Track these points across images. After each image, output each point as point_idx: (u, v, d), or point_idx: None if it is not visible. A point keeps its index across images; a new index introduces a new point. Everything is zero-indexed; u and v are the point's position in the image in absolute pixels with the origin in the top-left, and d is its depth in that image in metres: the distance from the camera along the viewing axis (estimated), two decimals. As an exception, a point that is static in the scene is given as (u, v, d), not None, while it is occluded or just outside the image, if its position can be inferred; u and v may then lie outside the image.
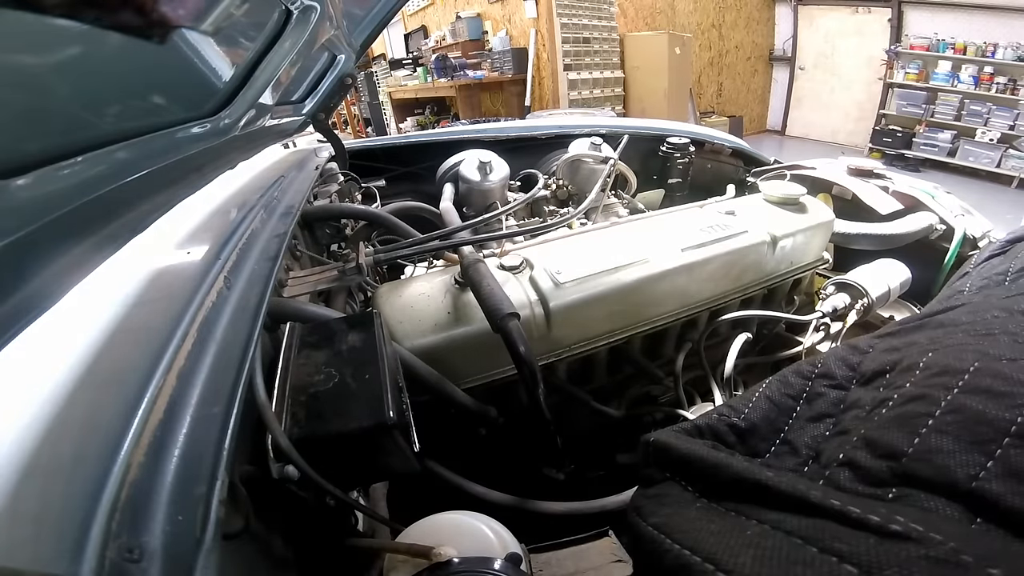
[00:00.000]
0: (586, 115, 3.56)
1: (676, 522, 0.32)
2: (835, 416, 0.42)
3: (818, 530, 0.26)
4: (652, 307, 0.83)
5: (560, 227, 0.93)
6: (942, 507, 0.28)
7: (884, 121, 5.88)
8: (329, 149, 1.32)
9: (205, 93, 0.68)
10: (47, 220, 0.37)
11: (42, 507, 0.24)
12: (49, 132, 0.41)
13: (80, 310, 0.38)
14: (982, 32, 5.01)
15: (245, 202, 0.76)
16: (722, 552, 0.28)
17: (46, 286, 0.35)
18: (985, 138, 5.05)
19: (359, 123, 7.47)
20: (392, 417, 0.43)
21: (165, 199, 0.57)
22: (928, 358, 0.40)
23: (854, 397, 0.43)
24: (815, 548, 0.25)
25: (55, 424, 0.28)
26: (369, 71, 6.69)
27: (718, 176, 1.51)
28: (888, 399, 0.38)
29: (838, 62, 6.31)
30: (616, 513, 0.67)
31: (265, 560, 0.40)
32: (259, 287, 0.54)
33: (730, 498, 0.32)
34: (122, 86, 0.50)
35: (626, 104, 5.59)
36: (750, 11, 6.59)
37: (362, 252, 0.78)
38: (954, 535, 0.24)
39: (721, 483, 0.34)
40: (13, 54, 0.34)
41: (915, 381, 0.38)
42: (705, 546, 0.29)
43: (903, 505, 0.29)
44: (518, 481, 0.75)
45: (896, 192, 1.20)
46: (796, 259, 1.00)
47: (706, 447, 0.38)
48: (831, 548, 0.25)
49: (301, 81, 1.13)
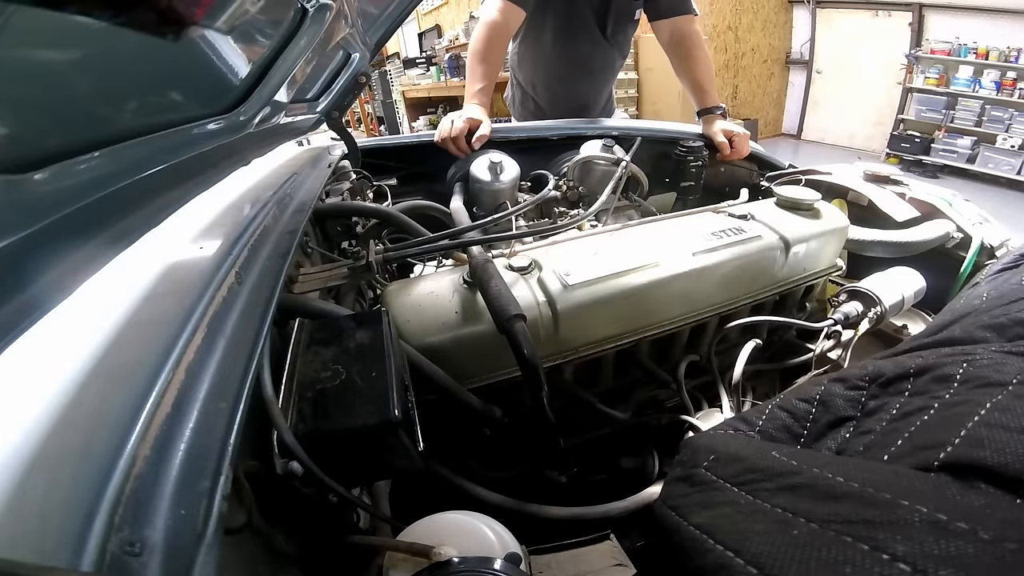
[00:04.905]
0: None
1: (720, 523, 0.32)
2: (855, 419, 0.41)
3: (871, 527, 0.25)
4: (661, 311, 0.82)
5: (570, 229, 0.93)
6: (989, 495, 0.27)
7: (902, 126, 5.78)
8: (342, 147, 1.33)
9: (221, 90, 0.69)
10: (64, 213, 0.38)
11: (47, 500, 0.24)
12: (67, 127, 0.41)
13: (92, 303, 0.39)
14: (1005, 37, 4.91)
15: (258, 198, 0.77)
16: (767, 554, 0.27)
17: (62, 278, 0.35)
18: (1006, 144, 4.94)
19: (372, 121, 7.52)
20: (397, 416, 0.43)
21: (180, 194, 0.58)
22: (965, 370, 0.39)
23: (874, 399, 0.42)
24: (866, 546, 0.24)
25: (64, 417, 0.28)
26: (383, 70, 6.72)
27: (732, 180, 1.49)
28: (928, 407, 0.37)
29: (856, 66, 6.22)
30: (618, 519, 0.66)
31: (266, 555, 0.40)
32: (270, 283, 0.54)
33: (780, 497, 0.31)
34: (140, 82, 0.50)
35: (639, 106, 5.57)
36: (767, 14, 6.51)
37: (372, 250, 0.79)
38: (1010, 526, 0.23)
39: (770, 480, 0.33)
40: (34, 50, 0.35)
41: (956, 390, 0.37)
42: (750, 547, 0.28)
43: (955, 492, 0.27)
44: (520, 482, 0.75)
45: (913, 199, 1.18)
46: (809, 265, 0.98)
47: (754, 443, 0.38)
48: (883, 545, 0.24)
49: (316, 79, 1.14)
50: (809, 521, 0.28)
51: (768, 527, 0.29)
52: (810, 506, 0.29)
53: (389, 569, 0.44)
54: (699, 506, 0.35)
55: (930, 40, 5.43)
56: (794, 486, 0.31)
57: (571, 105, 1.82)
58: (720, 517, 0.33)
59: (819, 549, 0.26)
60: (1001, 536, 0.22)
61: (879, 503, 0.26)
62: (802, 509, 0.29)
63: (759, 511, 0.31)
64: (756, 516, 0.31)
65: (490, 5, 1.44)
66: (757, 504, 0.32)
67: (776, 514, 0.30)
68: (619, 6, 1.61)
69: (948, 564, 0.22)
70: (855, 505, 0.27)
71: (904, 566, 0.23)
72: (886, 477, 0.29)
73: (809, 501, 0.29)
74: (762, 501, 0.32)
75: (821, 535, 0.27)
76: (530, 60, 1.80)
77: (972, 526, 0.23)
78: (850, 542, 0.25)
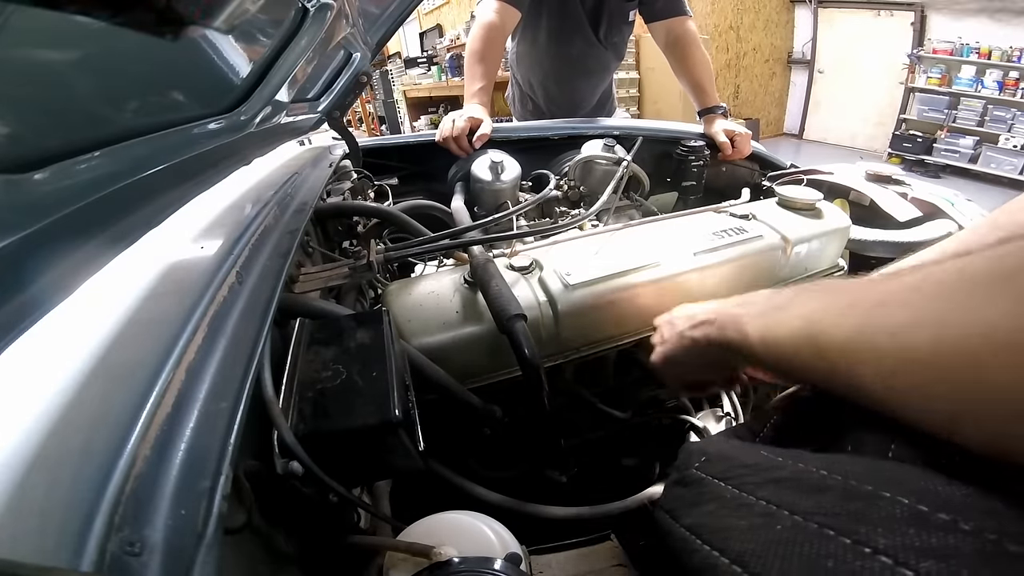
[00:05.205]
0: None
1: (706, 521, 0.32)
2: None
3: (853, 520, 0.25)
4: (662, 311, 0.82)
5: (571, 228, 0.93)
6: (973, 485, 0.27)
7: (904, 126, 5.76)
8: (343, 147, 1.33)
9: (222, 89, 0.68)
10: (64, 213, 0.38)
11: (48, 499, 0.24)
12: (68, 127, 0.41)
13: (93, 303, 0.39)
14: (1008, 36, 4.89)
15: (259, 198, 0.77)
16: (750, 552, 0.27)
17: (62, 278, 0.35)
18: (1009, 144, 4.91)
19: (373, 121, 7.51)
20: (398, 416, 0.43)
21: (180, 194, 0.58)
22: None
23: None
24: (848, 540, 0.25)
25: (65, 417, 0.28)
26: (384, 69, 6.71)
27: (733, 179, 1.49)
28: None
29: (858, 66, 6.20)
30: (618, 518, 0.66)
31: (266, 555, 0.40)
32: (271, 282, 0.54)
33: (764, 490, 0.32)
34: (140, 82, 0.50)
35: (641, 106, 5.55)
36: (769, 13, 6.50)
37: (373, 249, 0.79)
38: (990, 517, 0.23)
39: (755, 475, 0.33)
40: (34, 50, 0.35)
41: None
42: (735, 546, 0.29)
43: (938, 482, 0.27)
44: (520, 482, 0.75)
45: (915, 199, 1.17)
46: (811, 265, 0.98)
47: (745, 445, 0.38)
48: (865, 539, 0.24)
49: (317, 79, 1.14)
50: (793, 514, 0.28)
51: (752, 522, 0.30)
52: (794, 498, 0.29)
53: (389, 569, 0.44)
54: (689, 506, 0.35)
55: (932, 40, 5.41)
56: (778, 479, 0.31)
57: (567, 104, 1.83)
58: (707, 515, 0.33)
59: (802, 544, 0.26)
60: (980, 527, 0.22)
61: (861, 495, 0.26)
62: (786, 502, 0.29)
63: (744, 505, 0.31)
64: (741, 511, 0.31)
65: (486, 6, 1.45)
66: (743, 498, 0.32)
67: (761, 507, 0.30)
68: (612, 8, 1.62)
69: (929, 556, 0.22)
70: (838, 497, 0.27)
71: (886, 559, 0.23)
72: (869, 468, 0.29)
73: (793, 493, 0.29)
74: (747, 494, 0.32)
75: (804, 529, 0.27)
76: (527, 60, 1.80)
77: (953, 517, 0.23)
78: (832, 536, 0.25)
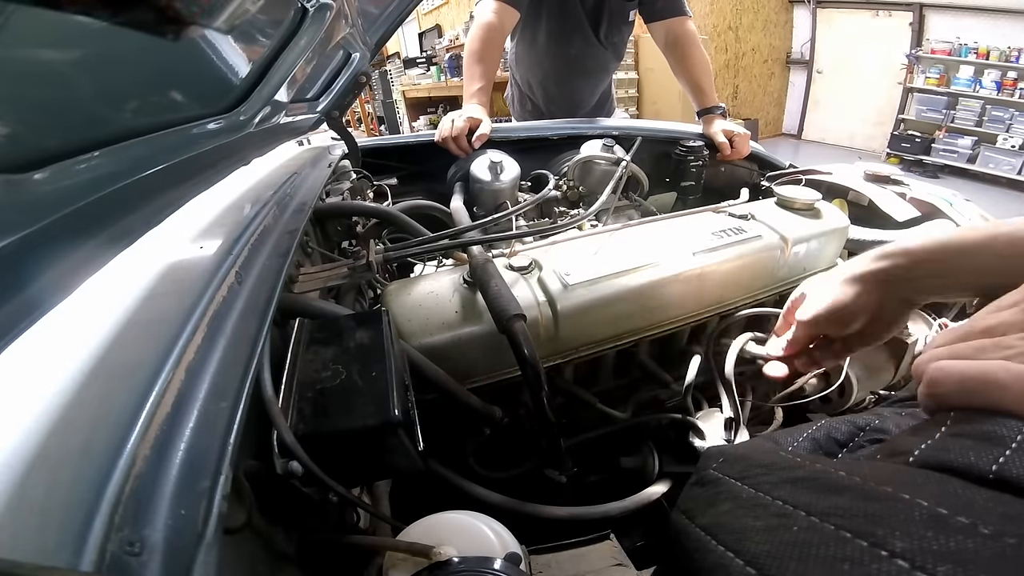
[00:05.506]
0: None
1: (722, 521, 0.32)
2: None
3: (870, 522, 0.25)
4: (661, 311, 0.82)
5: (570, 228, 0.93)
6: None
7: (903, 126, 5.78)
8: (342, 147, 1.33)
9: (221, 90, 0.69)
10: (64, 213, 0.38)
11: (48, 499, 0.24)
12: (67, 127, 0.41)
13: (92, 303, 0.39)
14: (1006, 37, 4.90)
15: (258, 198, 0.77)
16: (766, 554, 0.27)
17: (62, 278, 0.35)
18: (1007, 144, 4.93)
19: (373, 121, 7.52)
20: (397, 416, 0.43)
21: (180, 194, 0.58)
22: None
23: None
24: (865, 542, 0.24)
25: (64, 416, 0.28)
26: (383, 69, 6.72)
27: (732, 180, 1.49)
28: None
29: (857, 66, 6.21)
30: (618, 518, 0.66)
31: (266, 555, 0.40)
32: (270, 283, 0.54)
33: (781, 490, 0.31)
34: (139, 82, 0.50)
35: (640, 106, 5.56)
36: (767, 13, 6.51)
37: (372, 250, 0.79)
38: (1011, 521, 0.22)
39: (771, 474, 0.33)
40: (34, 50, 0.35)
41: None
42: (750, 547, 0.28)
43: (958, 487, 0.27)
44: (520, 482, 0.75)
45: (913, 199, 1.17)
46: (810, 265, 0.98)
47: (764, 445, 0.38)
48: (882, 541, 0.23)
49: (316, 79, 1.14)
50: (809, 515, 0.28)
51: (768, 522, 0.29)
52: (811, 499, 0.29)
53: (389, 569, 0.44)
54: (705, 505, 0.35)
55: (931, 40, 5.42)
56: (796, 479, 0.31)
57: (566, 105, 1.83)
58: (722, 515, 0.33)
59: (818, 546, 0.25)
60: (1001, 531, 0.22)
61: (880, 496, 0.26)
62: (803, 502, 0.29)
63: (760, 504, 0.31)
64: (757, 510, 0.31)
65: (485, 6, 1.45)
66: (759, 497, 0.32)
67: (777, 507, 0.30)
68: (612, 8, 1.62)
69: (947, 560, 0.21)
70: (856, 498, 0.27)
71: (903, 562, 0.22)
72: (888, 472, 0.28)
73: (810, 494, 0.29)
74: (763, 494, 0.31)
75: (820, 530, 0.26)
76: (526, 60, 1.80)
77: (973, 520, 0.23)
78: (849, 538, 0.25)
